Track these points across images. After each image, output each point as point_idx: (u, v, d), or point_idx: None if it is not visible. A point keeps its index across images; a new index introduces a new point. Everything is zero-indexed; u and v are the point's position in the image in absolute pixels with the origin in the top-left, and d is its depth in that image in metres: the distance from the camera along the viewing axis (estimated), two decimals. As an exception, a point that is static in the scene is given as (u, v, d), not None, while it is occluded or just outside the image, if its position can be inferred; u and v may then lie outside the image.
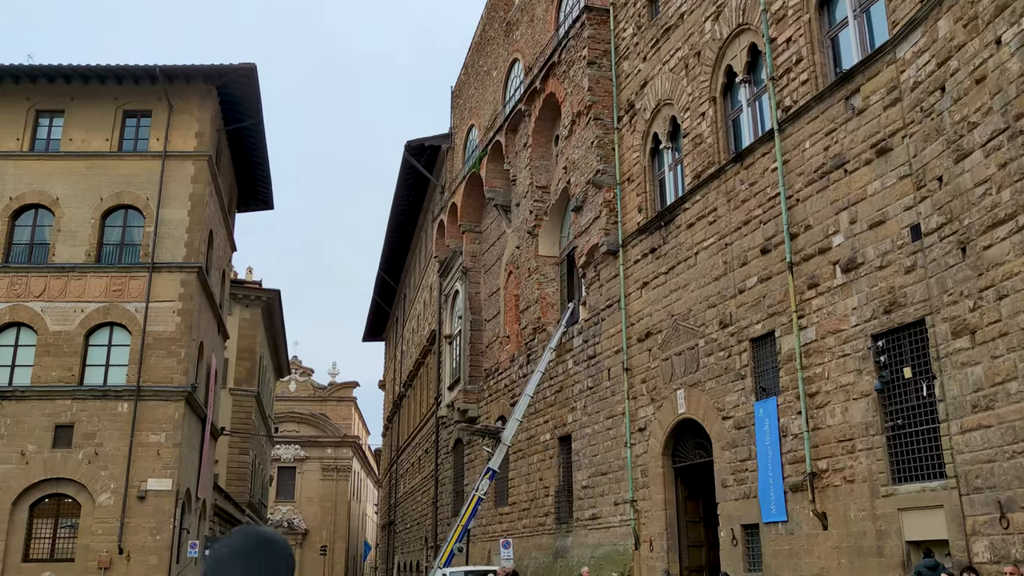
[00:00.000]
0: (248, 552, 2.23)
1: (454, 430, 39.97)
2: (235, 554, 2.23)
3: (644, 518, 23.40)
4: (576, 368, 28.40)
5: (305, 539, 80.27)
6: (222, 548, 2.32)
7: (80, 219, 31.06)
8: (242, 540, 2.26)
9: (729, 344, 20.36)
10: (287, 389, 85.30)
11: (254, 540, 2.26)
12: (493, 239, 38.14)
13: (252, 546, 2.24)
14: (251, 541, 2.26)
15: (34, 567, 27.92)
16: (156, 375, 29.63)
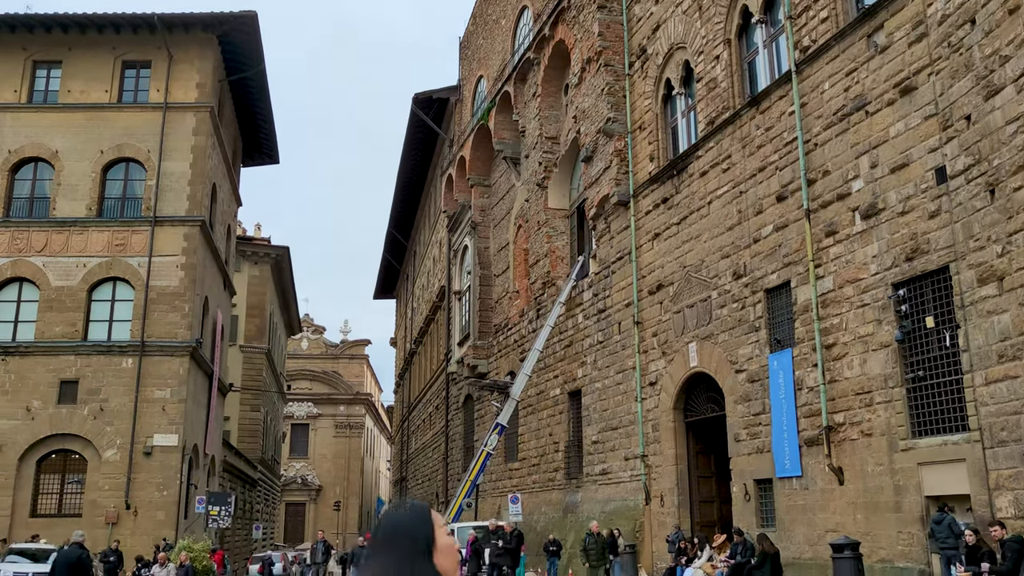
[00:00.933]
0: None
1: (464, 386, 39.64)
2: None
3: (655, 473, 22.98)
4: (586, 322, 27.85)
5: (319, 495, 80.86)
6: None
7: (80, 172, 30.53)
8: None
9: (743, 295, 19.73)
10: (299, 347, 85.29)
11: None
12: (502, 193, 37.42)
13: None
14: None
15: (42, 522, 27.86)
16: (160, 330, 29.29)
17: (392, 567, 2.21)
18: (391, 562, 2.23)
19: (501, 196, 37.53)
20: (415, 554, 2.26)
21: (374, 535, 2.34)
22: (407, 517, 2.33)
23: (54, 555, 22.39)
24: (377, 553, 2.27)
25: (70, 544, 13.04)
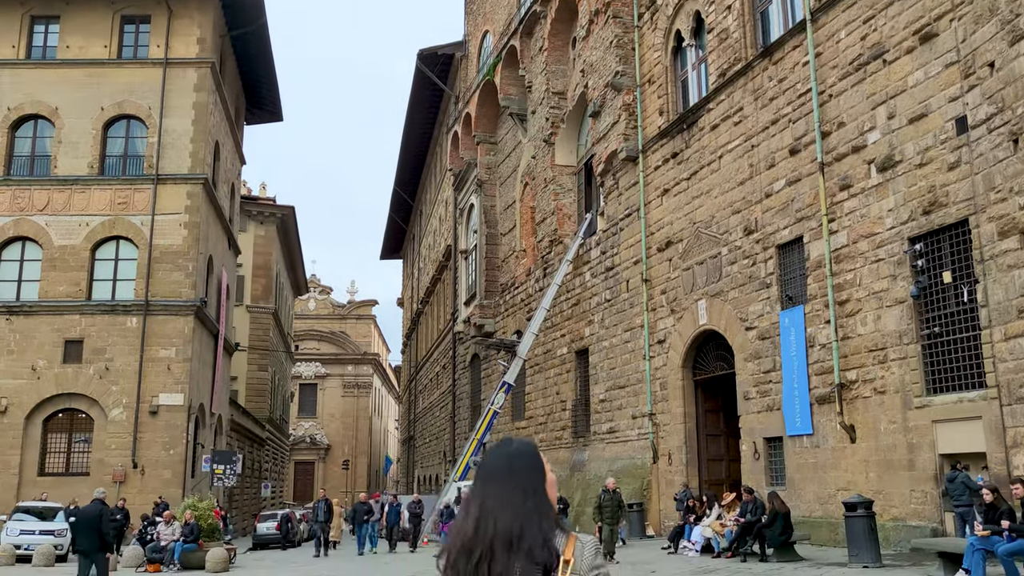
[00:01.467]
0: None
1: (471, 345, 39.48)
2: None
3: (663, 432, 22.82)
4: (593, 280, 27.54)
5: (327, 454, 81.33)
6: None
7: (81, 130, 30.12)
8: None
9: (754, 252, 19.36)
10: (306, 307, 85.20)
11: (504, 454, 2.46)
12: (509, 150, 36.92)
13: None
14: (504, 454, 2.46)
15: (50, 481, 27.91)
16: (164, 289, 29.08)
17: (519, 493, 2.34)
18: (517, 488, 2.35)
19: (507, 153, 37.03)
20: (537, 483, 2.40)
21: (487, 465, 2.45)
22: (524, 450, 2.47)
23: (61, 513, 22.50)
24: (497, 480, 2.38)
25: (92, 501, 13.22)
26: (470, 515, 2.37)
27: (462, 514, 2.42)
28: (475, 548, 2.31)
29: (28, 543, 20.62)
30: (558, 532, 2.36)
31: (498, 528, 2.30)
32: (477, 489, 2.43)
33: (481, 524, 2.32)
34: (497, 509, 2.33)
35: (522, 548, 2.29)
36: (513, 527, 2.30)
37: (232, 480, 29.16)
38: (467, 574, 2.30)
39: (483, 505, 2.36)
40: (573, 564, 2.31)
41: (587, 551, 2.36)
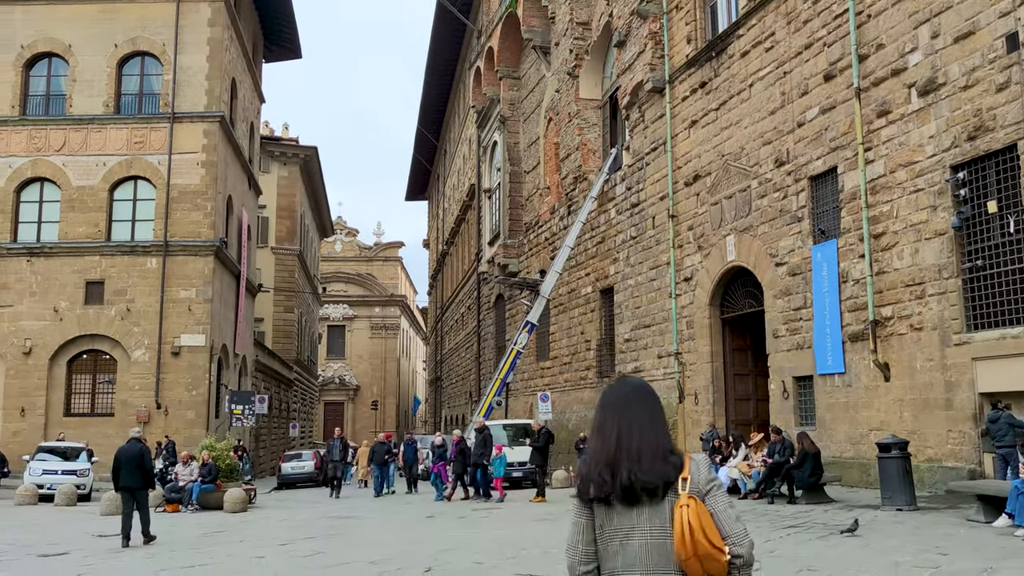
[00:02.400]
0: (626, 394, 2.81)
1: (495, 286, 39.02)
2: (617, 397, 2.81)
3: (689, 371, 22.29)
4: (619, 217, 26.81)
5: (356, 395, 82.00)
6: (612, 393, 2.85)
7: (96, 68, 29.60)
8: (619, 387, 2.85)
9: (785, 184, 18.52)
10: (333, 250, 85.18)
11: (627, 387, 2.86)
12: (532, 84, 35.91)
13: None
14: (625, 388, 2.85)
15: (75, 421, 28.07)
16: (183, 230, 28.77)
17: (647, 416, 2.72)
18: (645, 413, 2.73)
19: (531, 88, 36.04)
20: (658, 409, 2.79)
21: (614, 396, 2.80)
22: (643, 384, 2.88)
23: (84, 453, 22.55)
24: (627, 407, 2.74)
25: (128, 440, 13.36)
26: (608, 436, 2.70)
27: (597, 437, 2.74)
28: (618, 460, 2.64)
29: (50, 483, 20.69)
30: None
31: (638, 442, 2.65)
32: (609, 415, 2.75)
33: (622, 441, 2.67)
34: (633, 428, 2.68)
35: (665, 457, 2.66)
36: (650, 441, 2.67)
37: (251, 420, 29.12)
38: (610, 484, 2.63)
39: (619, 426, 2.70)
40: (691, 479, 2.64)
41: (702, 467, 2.71)
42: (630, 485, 2.60)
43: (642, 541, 2.60)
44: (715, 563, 2.55)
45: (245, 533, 13.60)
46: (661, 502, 2.62)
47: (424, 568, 9.22)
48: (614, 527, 2.64)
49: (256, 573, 9.38)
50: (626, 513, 2.63)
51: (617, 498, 2.62)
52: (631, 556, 2.61)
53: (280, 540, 12.45)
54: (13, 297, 28.60)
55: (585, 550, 2.71)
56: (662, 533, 2.59)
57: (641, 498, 2.62)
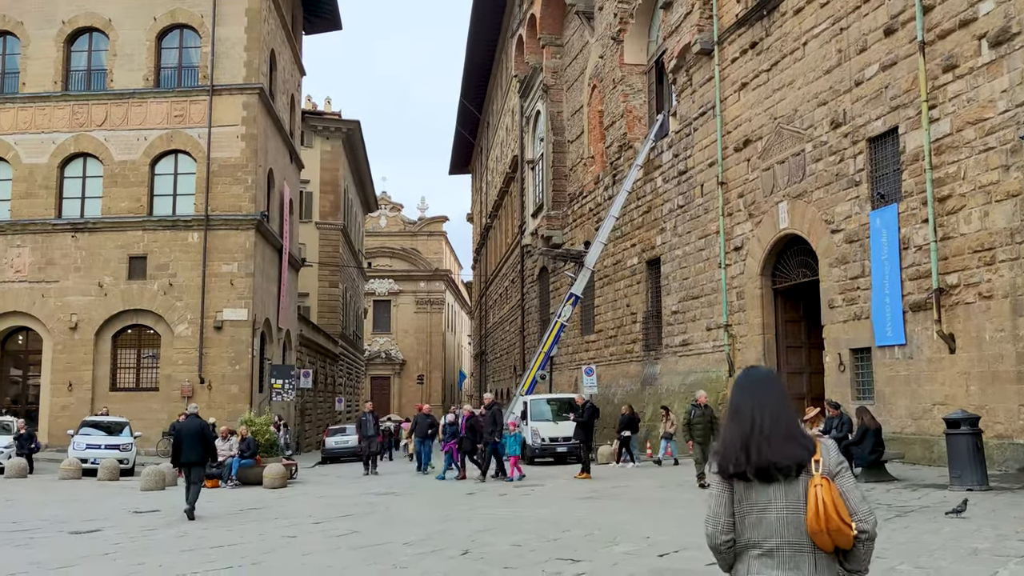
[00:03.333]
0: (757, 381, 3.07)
1: (539, 258, 38.39)
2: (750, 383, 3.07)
3: (739, 343, 21.52)
4: (665, 186, 25.99)
5: (402, 369, 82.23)
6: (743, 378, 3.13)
7: (136, 41, 29.45)
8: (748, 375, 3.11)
9: (841, 147, 17.60)
10: (377, 224, 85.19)
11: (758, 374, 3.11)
12: (575, 52, 35.03)
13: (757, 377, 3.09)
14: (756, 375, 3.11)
15: (121, 396, 28.22)
16: (224, 203, 28.61)
17: (779, 401, 2.98)
18: (777, 398, 2.99)
19: (574, 56, 35.16)
20: (786, 395, 3.05)
21: (747, 382, 3.05)
22: (773, 372, 3.16)
23: (127, 428, 22.55)
24: (760, 393, 2.99)
25: (187, 416, 13.49)
26: (742, 420, 2.92)
27: (732, 422, 2.95)
28: (751, 443, 2.84)
29: (94, 457, 20.70)
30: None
31: (772, 424, 2.87)
32: (743, 402, 2.97)
33: (755, 425, 2.87)
34: (765, 414, 2.89)
35: (797, 439, 2.86)
36: (781, 425, 2.88)
37: (291, 395, 28.98)
38: (745, 463, 2.84)
39: (752, 412, 2.91)
40: (823, 461, 2.85)
41: (831, 451, 2.91)
42: (764, 465, 2.83)
43: (777, 515, 2.84)
44: (843, 537, 2.80)
45: (281, 510, 13.29)
46: (795, 480, 2.85)
47: (460, 550, 8.74)
48: (751, 502, 2.87)
49: (285, 554, 8.99)
50: (762, 489, 2.85)
51: (752, 474, 2.84)
52: (766, 528, 2.85)
53: (315, 518, 12.11)
54: (59, 273, 28.76)
55: (725, 521, 2.92)
56: (796, 508, 2.83)
57: (775, 477, 2.85)
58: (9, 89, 30.06)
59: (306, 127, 47.33)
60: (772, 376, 3.08)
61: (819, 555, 2.84)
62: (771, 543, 2.84)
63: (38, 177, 29.25)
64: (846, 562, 2.88)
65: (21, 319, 29.12)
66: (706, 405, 15.31)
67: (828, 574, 2.86)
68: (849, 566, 2.88)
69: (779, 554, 2.84)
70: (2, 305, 28.86)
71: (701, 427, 14.91)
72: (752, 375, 3.07)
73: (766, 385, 3.01)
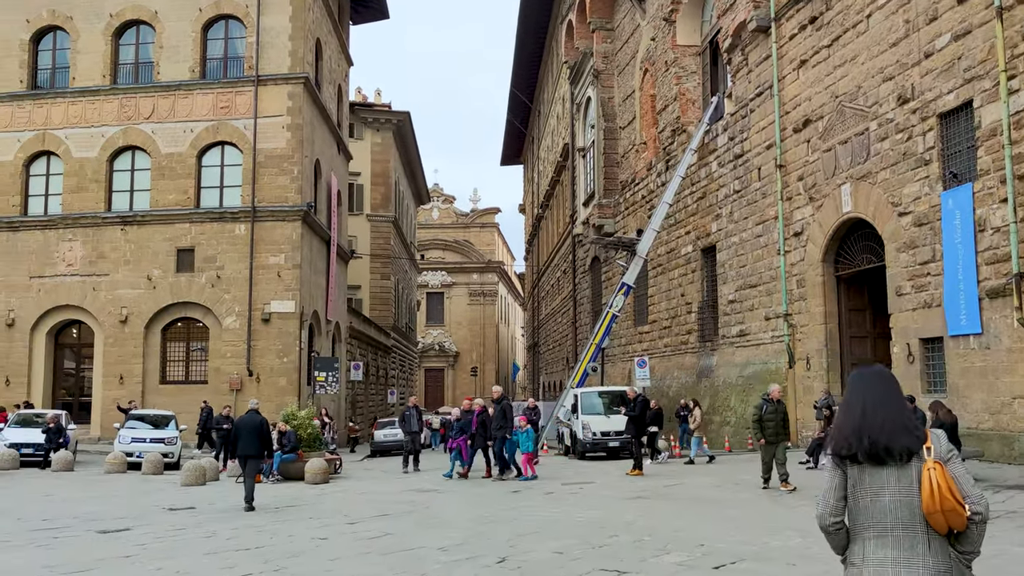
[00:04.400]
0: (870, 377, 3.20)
1: (590, 248, 37.60)
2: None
3: (800, 333, 20.53)
4: (721, 170, 25.01)
5: (456, 361, 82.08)
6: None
7: (181, 33, 29.34)
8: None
9: (909, 124, 16.52)
10: (430, 217, 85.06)
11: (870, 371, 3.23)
12: (626, 35, 34.09)
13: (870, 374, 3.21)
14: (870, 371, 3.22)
15: (171, 388, 28.20)
16: (270, 195, 28.37)
17: (893, 394, 3.11)
18: (890, 392, 3.11)
19: (625, 39, 34.23)
20: (899, 389, 3.18)
21: (861, 378, 3.19)
22: (885, 369, 3.26)
23: (173, 421, 22.38)
24: (873, 386, 3.13)
25: (248, 411, 13.75)
26: (854, 410, 3.10)
27: (845, 412, 3.14)
28: (863, 430, 3.01)
29: (139, 451, 20.54)
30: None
31: (885, 415, 3.04)
32: (855, 394, 3.16)
33: (867, 414, 3.05)
34: (877, 404, 3.07)
35: (908, 428, 3.01)
36: (897, 415, 3.04)
37: (335, 388, 28.61)
38: (857, 446, 3.01)
39: (864, 402, 3.09)
40: (934, 448, 3.00)
41: (941, 440, 3.05)
42: (875, 449, 2.96)
43: (891, 498, 2.95)
44: (958, 517, 2.87)
45: (318, 508, 12.80)
46: (907, 465, 2.96)
47: (497, 558, 8.09)
48: (865, 486, 2.99)
49: (310, 558, 8.44)
50: (875, 473, 2.98)
51: (864, 458, 2.98)
52: (880, 511, 2.97)
53: (351, 517, 11.58)
54: (109, 266, 28.82)
55: (836, 504, 3.06)
56: (908, 492, 2.94)
57: (887, 460, 2.97)
58: (60, 84, 30.22)
59: (356, 119, 47.09)
60: (884, 371, 3.22)
61: (932, 536, 2.92)
62: (885, 525, 2.95)
63: (88, 171, 29.36)
64: (959, 544, 2.93)
65: (74, 312, 29.28)
66: (779, 400, 13.92)
67: (941, 556, 2.93)
68: (962, 548, 2.93)
69: (893, 535, 2.95)
70: (55, 298, 29.05)
71: (773, 424, 13.56)
72: (863, 371, 3.22)
73: (877, 379, 3.16)
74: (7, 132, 29.83)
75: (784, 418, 13.81)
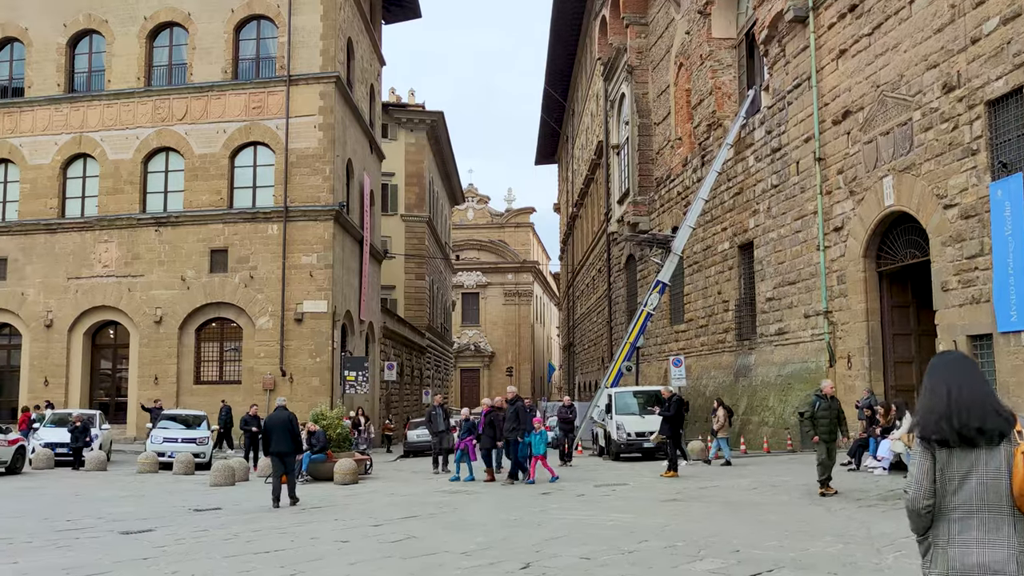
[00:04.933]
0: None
1: (625, 246, 37.12)
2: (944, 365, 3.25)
3: (841, 331, 19.94)
4: (758, 165, 24.44)
5: (491, 361, 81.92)
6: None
7: (214, 34, 29.43)
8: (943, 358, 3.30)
9: (955, 113, 15.89)
10: (465, 217, 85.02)
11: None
12: (660, 30, 33.57)
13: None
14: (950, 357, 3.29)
15: (205, 388, 28.27)
16: (302, 195, 28.33)
17: (978, 379, 3.14)
18: (975, 377, 3.15)
19: (659, 34, 33.72)
20: (982, 375, 3.22)
21: (944, 364, 3.23)
22: (967, 356, 3.34)
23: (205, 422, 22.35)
24: (957, 371, 3.16)
25: (276, 408, 13.99)
26: (939, 394, 3.11)
27: (929, 396, 3.15)
28: (951, 413, 3.04)
29: (171, 451, 20.54)
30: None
31: (967, 399, 3.06)
32: (939, 379, 3.17)
33: (952, 398, 3.06)
34: (962, 388, 3.09)
35: (996, 410, 3.06)
36: (985, 397, 3.09)
37: (365, 388, 28.48)
38: (947, 430, 3.03)
39: (948, 386, 3.11)
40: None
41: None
42: (966, 431, 3.02)
43: (979, 481, 3.02)
44: None
45: (344, 511, 12.57)
46: (996, 448, 3.02)
47: (521, 564, 7.76)
48: (953, 469, 3.05)
49: (330, 563, 8.19)
50: (965, 457, 3.04)
51: (955, 443, 3.03)
52: (968, 493, 3.03)
53: (376, 519, 11.32)
54: (144, 267, 28.99)
55: (927, 487, 3.07)
56: (997, 475, 3.02)
57: (978, 442, 3.03)
58: (96, 87, 30.47)
59: (390, 119, 47.06)
60: (965, 357, 3.28)
61: (1018, 519, 2.99)
62: (971, 506, 3.00)
63: (123, 172, 29.56)
64: None
65: (110, 313, 29.51)
66: (832, 396, 13.18)
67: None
68: None
69: (979, 516, 3.00)
70: (91, 299, 29.29)
71: (827, 422, 12.77)
72: (944, 357, 3.28)
73: (960, 364, 3.19)
74: (45, 135, 30.16)
75: (839, 415, 13.09)
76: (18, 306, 29.63)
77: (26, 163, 30.26)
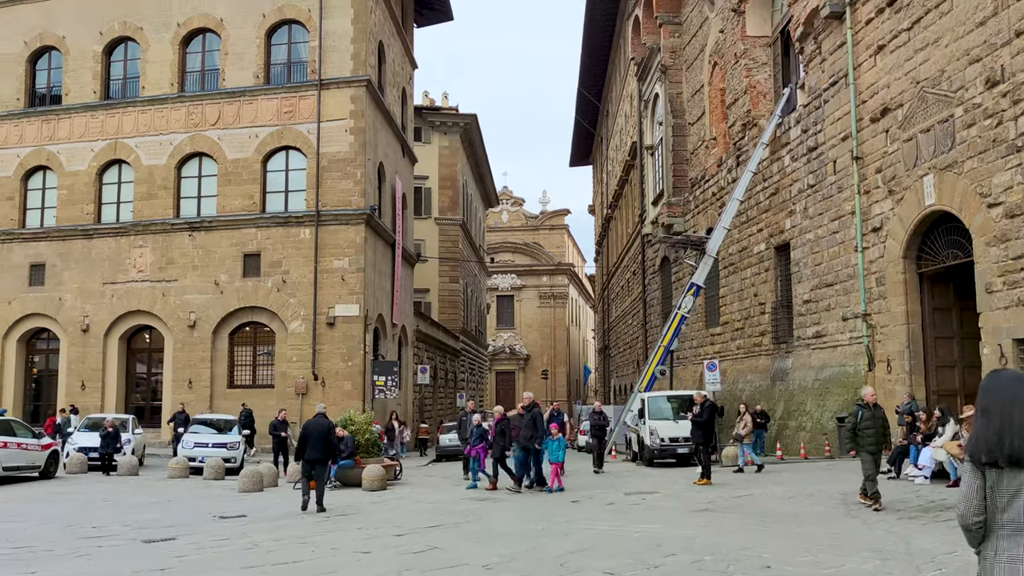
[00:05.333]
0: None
1: (659, 248, 36.68)
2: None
3: (880, 334, 19.40)
4: (794, 164, 23.94)
5: (527, 364, 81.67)
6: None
7: (246, 39, 29.57)
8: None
9: (999, 108, 15.36)
10: (499, 220, 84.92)
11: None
12: (694, 29, 33.13)
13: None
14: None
15: (238, 393, 28.35)
16: (334, 198, 28.34)
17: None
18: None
19: (693, 33, 33.27)
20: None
21: (998, 383, 3.29)
22: (1021, 375, 3.36)
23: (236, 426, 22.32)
24: (1012, 390, 3.22)
25: (315, 415, 13.98)
26: (993, 414, 3.19)
27: (983, 417, 3.23)
28: (1004, 433, 3.12)
29: (201, 455, 20.56)
30: None
31: (1020, 419, 3.14)
32: (993, 399, 3.25)
33: (1005, 418, 3.15)
34: (1016, 408, 3.15)
35: None
36: None
37: (394, 392, 28.37)
38: (998, 451, 3.13)
39: (1003, 406, 3.19)
40: None
41: None
42: (1016, 453, 3.11)
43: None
44: None
45: (368, 519, 12.40)
46: None
47: (543, 578, 7.50)
48: (1003, 488, 3.16)
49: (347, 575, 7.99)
50: (1014, 476, 3.14)
51: (1005, 463, 3.13)
52: (1016, 511, 3.13)
53: (401, 528, 11.12)
54: (178, 272, 29.20)
55: (978, 505, 3.20)
56: None
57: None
58: (131, 93, 30.77)
59: (423, 123, 47.06)
60: (1019, 376, 3.33)
61: None
62: (1020, 524, 3.09)
63: (157, 178, 29.81)
64: None
65: (144, 318, 29.77)
66: (875, 404, 12.29)
67: None
68: None
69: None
70: (127, 304, 29.56)
71: (872, 432, 11.83)
72: (999, 376, 3.35)
73: (1013, 385, 3.27)
74: (82, 142, 30.52)
75: (884, 424, 12.18)
76: (56, 311, 30.01)
77: (63, 170, 30.65)
